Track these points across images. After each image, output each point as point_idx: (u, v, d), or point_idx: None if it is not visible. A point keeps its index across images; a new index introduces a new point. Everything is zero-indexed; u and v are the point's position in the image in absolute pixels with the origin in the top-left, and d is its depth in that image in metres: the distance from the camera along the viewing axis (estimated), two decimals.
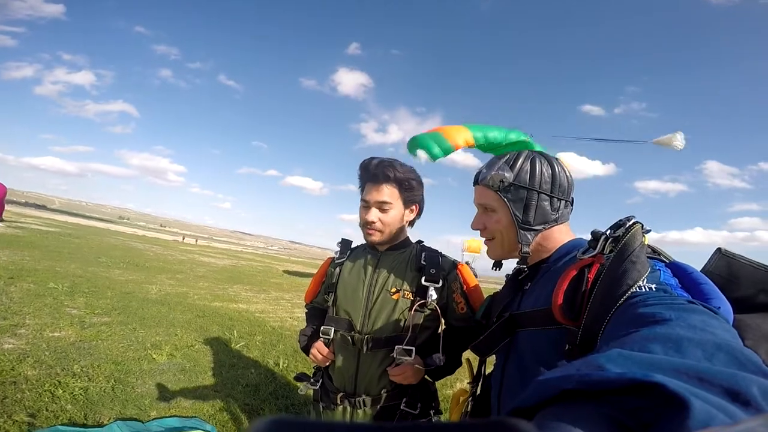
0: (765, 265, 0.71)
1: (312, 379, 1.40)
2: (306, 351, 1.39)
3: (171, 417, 2.56)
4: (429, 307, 1.26)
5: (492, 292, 1.11)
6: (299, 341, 1.44)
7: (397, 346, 1.21)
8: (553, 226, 0.89)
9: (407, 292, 1.27)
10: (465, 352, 1.24)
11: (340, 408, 1.31)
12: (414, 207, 1.36)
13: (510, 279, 1.01)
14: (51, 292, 5.36)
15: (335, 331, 1.31)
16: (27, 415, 2.23)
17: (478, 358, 1.04)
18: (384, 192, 1.27)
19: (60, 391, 2.58)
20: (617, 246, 0.66)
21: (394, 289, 1.28)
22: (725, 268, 0.72)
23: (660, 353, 0.35)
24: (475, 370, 1.12)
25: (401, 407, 1.26)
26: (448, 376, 1.34)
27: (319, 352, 1.32)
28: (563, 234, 0.90)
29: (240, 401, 3.00)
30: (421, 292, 1.25)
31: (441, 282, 1.26)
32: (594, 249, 0.72)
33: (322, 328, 1.34)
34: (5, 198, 11.25)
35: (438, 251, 1.37)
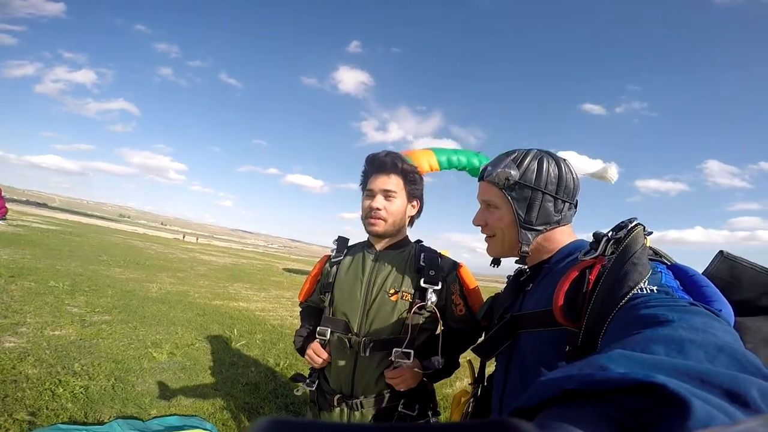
0: (766, 269, 0.71)
1: (308, 380, 1.38)
2: (302, 352, 1.36)
3: (171, 416, 2.57)
4: (428, 310, 1.24)
5: (486, 289, 1.10)
6: (294, 342, 1.41)
7: (396, 348, 1.19)
8: (555, 227, 0.89)
9: (406, 293, 1.25)
10: (467, 353, 1.24)
11: (336, 410, 1.29)
12: (415, 202, 1.36)
13: (511, 280, 1.00)
14: (52, 290, 5.37)
15: (332, 332, 1.29)
16: (27, 414, 2.24)
17: (479, 359, 1.03)
18: (391, 181, 1.27)
19: (60, 390, 2.59)
20: (619, 248, 0.65)
21: (392, 290, 1.26)
22: (727, 271, 0.72)
23: (662, 354, 0.35)
24: (477, 371, 1.12)
25: (399, 409, 1.24)
26: (445, 378, 1.32)
27: (316, 353, 1.30)
28: (565, 235, 0.90)
29: (240, 400, 3.01)
30: (420, 293, 1.24)
31: (440, 284, 1.24)
32: (595, 250, 0.72)
33: (318, 328, 1.32)
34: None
35: (437, 252, 1.35)
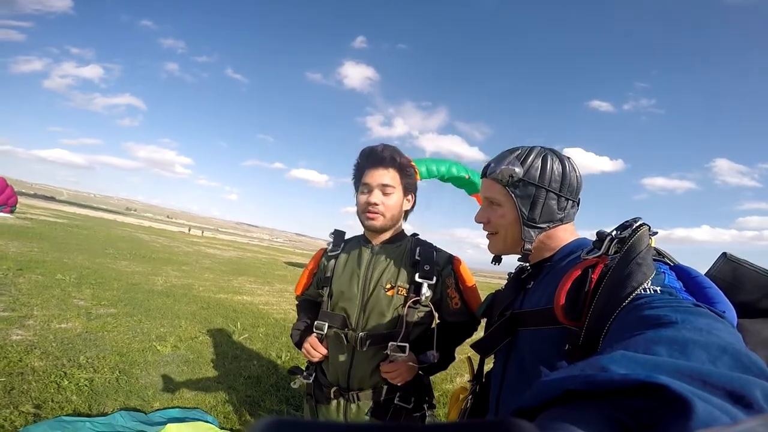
0: None
1: (305, 373, 1.40)
2: (299, 346, 1.36)
3: (173, 408, 2.61)
4: (423, 304, 1.25)
5: (489, 286, 1.10)
6: (292, 336, 1.42)
7: (391, 342, 1.20)
8: (558, 225, 0.88)
9: (401, 288, 1.26)
10: (467, 349, 1.24)
11: (333, 403, 1.31)
12: (411, 196, 1.36)
13: (512, 277, 1.00)
14: (59, 283, 5.46)
15: (329, 327, 1.30)
16: (33, 406, 2.28)
17: (478, 355, 1.03)
18: (388, 175, 1.27)
19: (66, 382, 2.64)
20: (623, 247, 0.65)
21: (388, 285, 1.27)
22: (730, 272, 0.72)
23: (665, 356, 0.35)
24: (476, 367, 1.12)
25: (395, 402, 1.25)
26: (441, 371, 1.33)
27: (313, 347, 1.30)
28: (567, 233, 0.90)
29: (242, 393, 3.05)
30: (415, 288, 1.24)
31: (435, 278, 1.25)
32: (599, 249, 0.72)
33: (315, 323, 1.33)
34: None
35: (433, 245, 1.35)
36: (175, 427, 2.19)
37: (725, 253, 0.74)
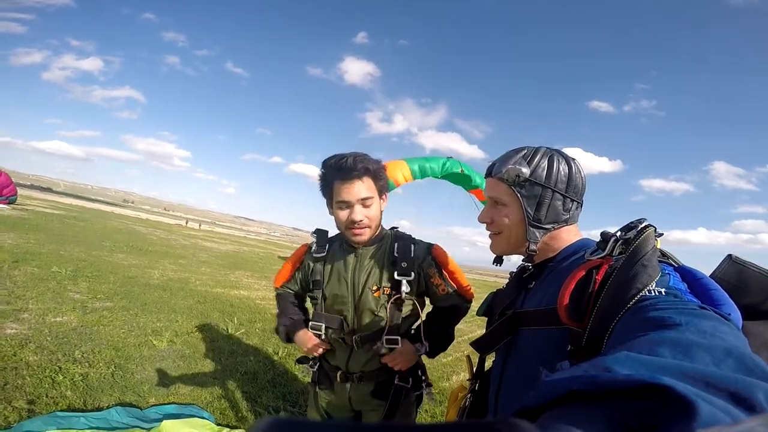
0: None
1: (311, 362, 1.49)
2: (288, 340, 1.43)
3: (169, 404, 2.60)
4: (405, 299, 1.31)
5: (486, 284, 1.09)
6: (278, 332, 1.47)
7: (385, 336, 1.28)
8: (563, 226, 0.88)
9: (386, 288, 1.32)
10: (465, 348, 1.28)
11: (338, 386, 1.40)
12: (384, 195, 1.36)
13: (514, 277, 1.00)
14: (54, 276, 5.42)
15: (326, 328, 1.36)
16: (26, 402, 2.27)
17: (478, 354, 1.04)
18: (364, 186, 1.25)
19: (60, 377, 2.62)
20: (628, 248, 0.65)
21: (375, 287, 1.32)
22: (735, 274, 0.72)
23: (669, 357, 0.35)
24: (475, 366, 1.12)
25: (396, 382, 1.34)
26: (442, 352, 1.43)
27: (317, 346, 1.38)
28: (571, 234, 0.90)
29: (238, 389, 3.04)
30: (395, 285, 1.30)
31: (414, 273, 1.30)
32: (603, 250, 0.72)
33: (311, 323, 1.40)
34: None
35: (411, 237, 1.37)
36: (171, 424, 2.18)
37: (730, 255, 0.74)
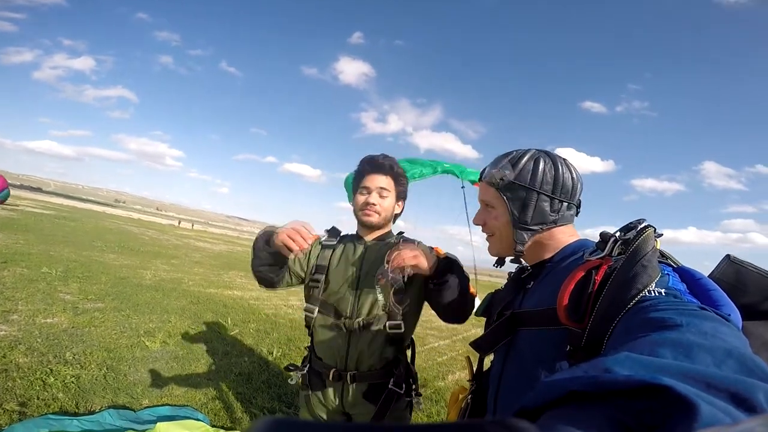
0: None
1: (300, 365, 1.49)
2: (266, 244, 1.26)
3: (163, 405, 2.58)
4: (407, 280, 1.32)
5: (482, 285, 1.10)
6: (256, 241, 1.30)
7: (387, 322, 1.33)
8: (553, 227, 0.88)
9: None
10: (466, 348, 1.25)
11: (330, 388, 1.40)
12: (401, 202, 1.52)
13: (512, 277, 1.01)
14: (44, 277, 5.34)
15: (319, 311, 1.40)
16: (17, 404, 2.23)
17: (477, 355, 1.04)
18: (385, 180, 1.43)
19: (52, 379, 2.59)
20: (627, 249, 0.65)
21: (380, 276, 1.35)
22: (733, 275, 0.72)
23: (669, 358, 0.35)
24: (475, 367, 1.13)
25: (389, 386, 1.36)
26: (465, 313, 1.30)
27: (299, 234, 1.14)
28: (567, 234, 0.90)
29: (232, 390, 3.03)
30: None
31: None
32: (602, 251, 0.71)
33: (306, 305, 1.43)
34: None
35: (416, 240, 1.48)
36: (165, 426, 2.17)
37: (729, 255, 0.74)
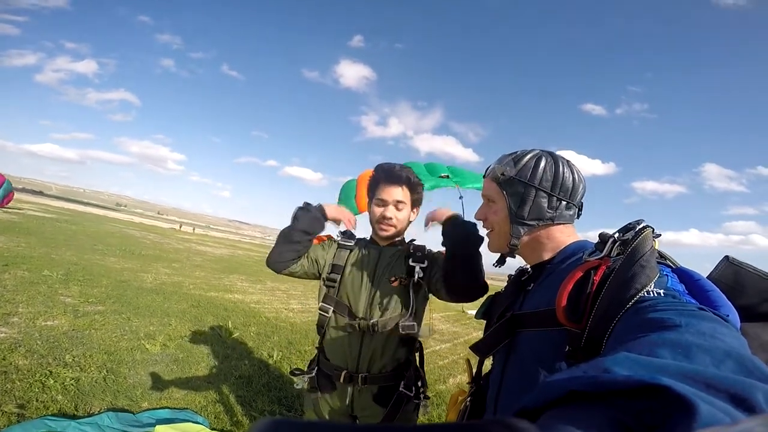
0: None
1: (308, 369, 1.50)
2: (309, 215, 1.42)
3: (162, 408, 2.57)
4: (418, 282, 1.40)
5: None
6: (297, 218, 1.42)
7: (402, 321, 1.35)
8: (550, 224, 0.88)
9: (403, 278, 1.42)
10: (466, 351, 1.26)
11: (339, 390, 1.41)
12: (416, 210, 1.54)
13: (512, 279, 1.01)
14: (45, 279, 5.35)
15: (334, 312, 1.42)
16: (16, 406, 2.22)
17: (477, 357, 1.03)
18: (401, 192, 1.45)
19: (51, 381, 2.58)
20: (626, 249, 0.65)
21: (393, 278, 1.42)
22: (732, 276, 0.72)
23: (668, 358, 0.35)
24: (475, 369, 1.12)
25: (400, 389, 1.38)
26: (476, 281, 1.28)
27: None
28: (566, 235, 0.90)
29: (233, 393, 3.01)
30: (410, 272, 1.41)
31: (426, 262, 1.42)
32: (601, 251, 0.71)
33: (320, 304, 1.45)
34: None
35: (424, 245, 1.53)
36: (164, 429, 2.15)
37: (727, 257, 0.74)
